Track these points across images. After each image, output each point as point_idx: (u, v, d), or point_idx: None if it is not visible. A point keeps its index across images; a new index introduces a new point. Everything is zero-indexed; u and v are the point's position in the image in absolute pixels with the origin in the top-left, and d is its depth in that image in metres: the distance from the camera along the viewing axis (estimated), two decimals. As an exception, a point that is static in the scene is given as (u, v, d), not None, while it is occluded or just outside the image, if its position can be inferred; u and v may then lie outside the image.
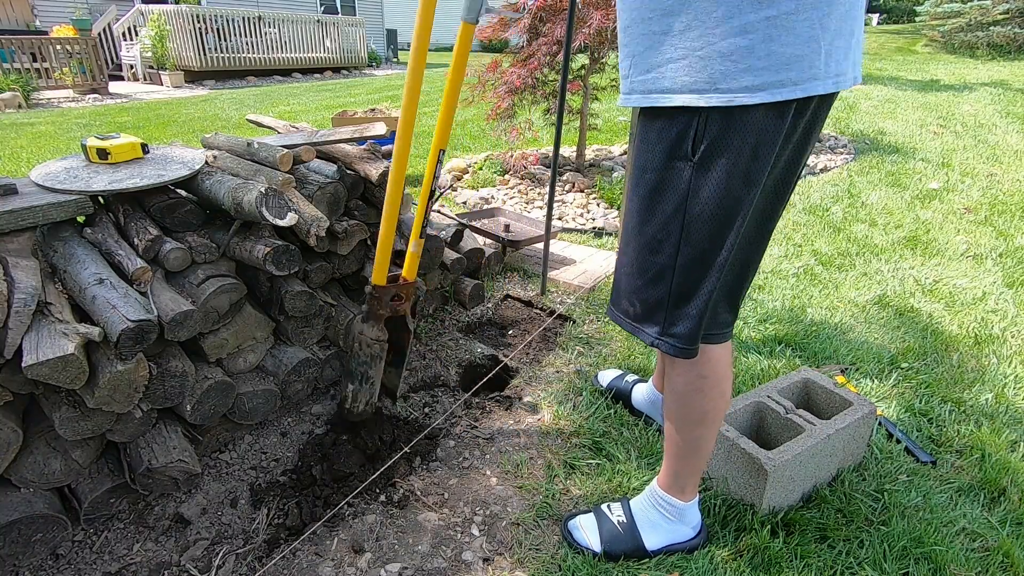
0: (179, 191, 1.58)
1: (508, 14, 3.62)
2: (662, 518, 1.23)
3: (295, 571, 1.24)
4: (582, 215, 3.36)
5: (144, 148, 1.55)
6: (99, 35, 10.23)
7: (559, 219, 3.30)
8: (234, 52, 11.34)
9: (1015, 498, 1.38)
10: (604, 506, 1.31)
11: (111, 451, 1.37)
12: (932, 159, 4.42)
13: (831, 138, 5.11)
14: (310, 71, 12.83)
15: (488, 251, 2.45)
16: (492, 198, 3.67)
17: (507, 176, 4.03)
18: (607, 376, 1.78)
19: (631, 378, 1.73)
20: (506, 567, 1.24)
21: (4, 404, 1.20)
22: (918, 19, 14.36)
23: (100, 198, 1.53)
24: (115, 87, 9.68)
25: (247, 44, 11.54)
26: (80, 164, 1.50)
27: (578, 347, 2.03)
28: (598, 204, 3.50)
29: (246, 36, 11.48)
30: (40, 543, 1.24)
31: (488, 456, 1.56)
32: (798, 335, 2.06)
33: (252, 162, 1.59)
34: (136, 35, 10.84)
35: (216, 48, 11.02)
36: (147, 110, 7.58)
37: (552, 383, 1.84)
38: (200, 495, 1.42)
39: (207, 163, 1.61)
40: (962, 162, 4.32)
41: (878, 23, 23.51)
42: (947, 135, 5.19)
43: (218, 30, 10.99)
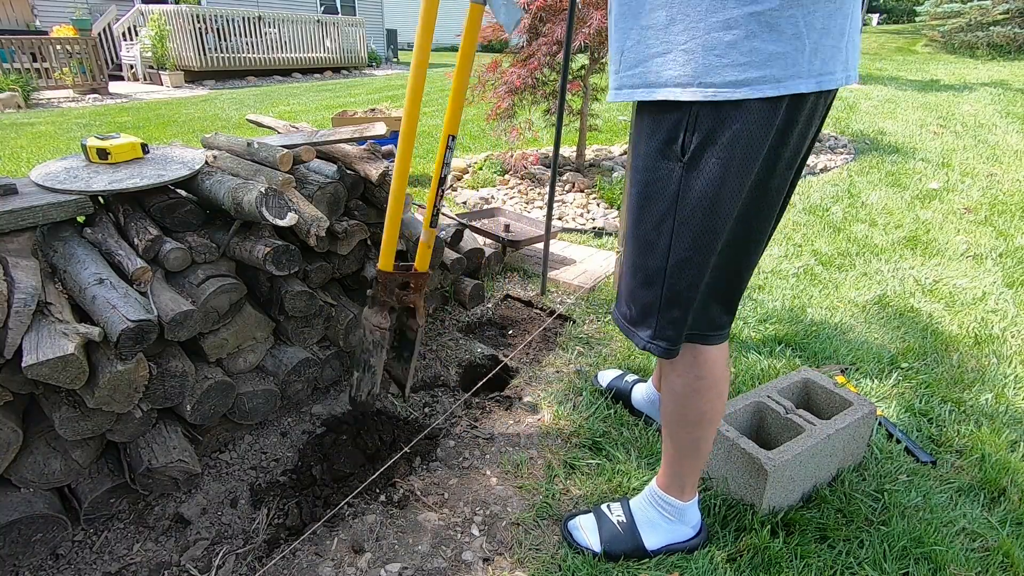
0: (179, 191, 1.58)
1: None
2: (661, 518, 1.23)
3: (295, 571, 1.24)
4: (582, 215, 3.36)
5: (144, 148, 1.55)
6: (99, 35, 10.23)
7: (559, 219, 3.30)
8: (234, 52, 11.34)
9: (1015, 498, 1.38)
10: (604, 506, 1.31)
11: (111, 451, 1.37)
12: (932, 159, 4.42)
13: (831, 138, 5.11)
14: (310, 71, 12.83)
15: (488, 251, 2.45)
16: (492, 198, 3.67)
17: (507, 176, 4.03)
18: (607, 376, 1.78)
19: (631, 378, 1.73)
20: (506, 567, 1.24)
21: (4, 404, 1.20)
22: (918, 19, 14.38)
23: (100, 198, 1.53)
24: (115, 87, 9.68)
25: (247, 44, 11.54)
26: (80, 164, 1.51)
27: (578, 347, 2.03)
28: (598, 204, 3.50)
29: (246, 36, 11.48)
30: (40, 543, 1.24)
31: (488, 456, 1.56)
32: (798, 335, 2.06)
33: (252, 162, 1.59)
34: (136, 35, 10.84)
35: (216, 48, 11.02)
36: (147, 110, 7.59)
37: (552, 383, 1.84)
38: (200, 495, 1.42)
39: (207, 163, 1.61)
40: (962, 162, 4.32)
41: (878, 23, 23.51)
42: (947, 135, 5.19)
43: (218, 30, 10.99)
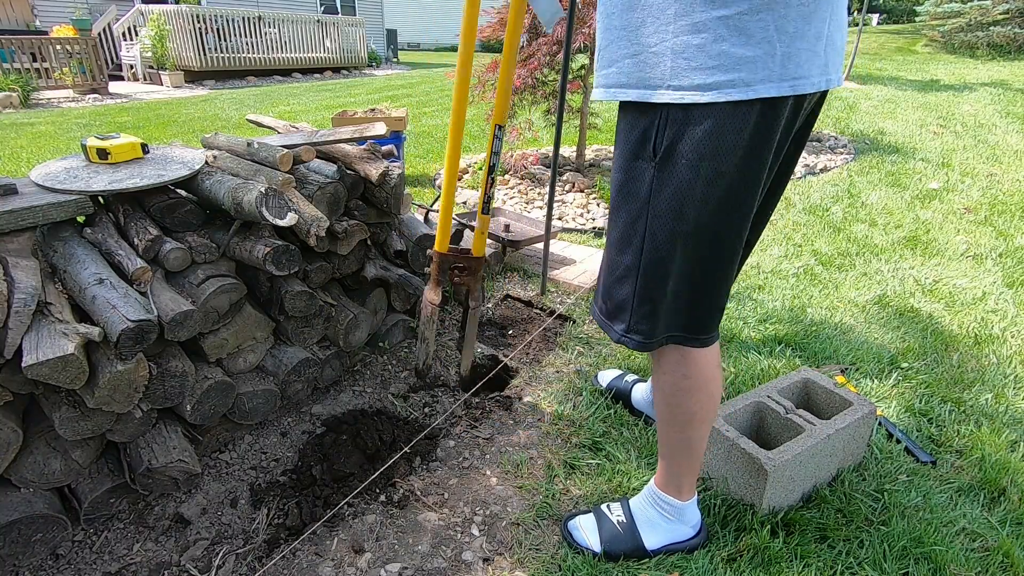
0: (179, 191, 1.58)
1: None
2: (661, 517, 1.23)
3: (295, 571, 1.24)
4: (582, 215, 3.36)
5: (144, 148, 1.55)
6: (99, 35, 10.23)
7: (559, 219, 3.30)
8: (234, 52, 11.34)
9: (1015, 498, 1.38)
10: (604, 506, 1.31)
11: (111, 451, 1.37)
12: (932, 159, 4.42)
13: (831, 138, 5.11)
14: (310, 71, 12.83)
15: (488, 251, 2.45)
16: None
17: (507, 176, 4.03)
18: (607, 376, 1.78)
19: (631, 378, 1.73)
20: (506, 567, 1.24)
21: (4, 404, 1.20)
22: (918, 19, 14.37)
23: (100, 198, 1.53)
24: (115, 87, 9.68)
25: (247, 44, 11.54)
26: (80, 164, 1.50)
27: (578, 347, 2.03)
28: (598, 204, 3.50)
29: (246, 36, 11.48)
30: (40, 543, 1.24)
31: (488, 456, 1.56)
32: (798, 335, 2.06)
33: (252, 162, 1.59)
34: (136, 35, 10.84)
35: (216, 48, 11.02)
36: (147, 110, 7.59)
37: (552, 383, 1.84)
38: (200, 495, 1.42)
39: (207, 163, 1.61)
40: (962, 162, 4.32)
41: (878, 23, 23.50)
42: (947, 135, 5.19)
43: (218, 30, 10.99)
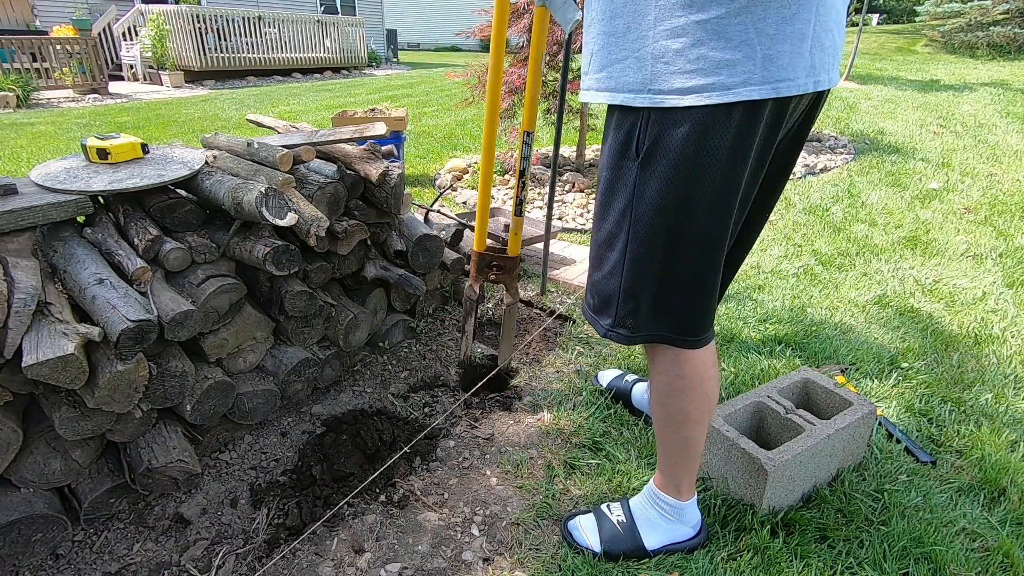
0: (179, 191, 1.58)
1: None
2: (660, 517, 1.23)
3: (295, 571, 1.24)
4: (582, 215, 3.36)
5: (144, 148, 1.55)
6: (99, 35, 10.23)
7: (559, 219, 3.30)
8: (234, 52, 11.33)
9: (1015, 498, 1.38)
10: (604, 506, 1.31)
11: (111, 451, 1.37)
12: (932, 159, 4.42)
13: (831, 138, 5.11)
14: (310, 71, 12.83)
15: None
16: (492, 198, 3.67)
17: (507, 176, 4.03)
18: (607, 376, 1.78)
19: (631, 377, 1.73)
20: (506, 567, 1.24)
21: (4, 404, 1.20)
22: (918, 19, 14.36)
23: (100, 198, 1.53)
24: (115, 87, 9.68)
25: (247, 44, 11.54)
26: (80, 164, 1.50)
27: (578, 347, 2.03)
28: (598, 204, 3.50)
29: (246, 36, 11.48)
30: (40, 543, 1.24)
31: (488, 456, 1.56)
32: (798, 335, 2.06)
33: (252, 162, 1.59)
34: (136, 35, 10.83)
35: (216, 48, 11.02)
36: (147, 110, 7.59)
37: (552, 383, 1.84)
38: (200, 495, 1.42)
39: (207, 163, 1.61)
40: (962, 162, 4.32)
41: (878, 23, 23.50)
42: (947, 135, 5.19)
43: (218, 30, 10.98)
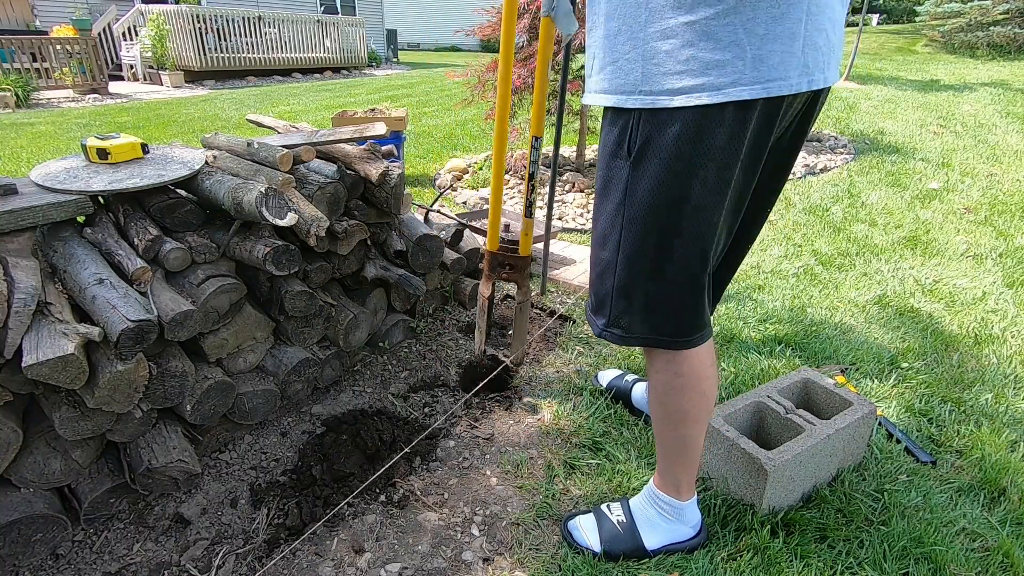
0: (179, 191, 1.58)
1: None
2: (660, 517, 1.23)
3: (295, 571, 1.24)
4: (582, 215, 3.36)
5: (144, 148, 1.55)
6: (99, 35, 10.23)
7: (559, 219, 3.30)
8: (234, 52, 11.33)
9: (1015, 498, 1.38)
10: (604, 506, 1.31)
11: (111, 451, 1.37)
12: (932, 159, 4.42)
13: (831, 138, 5.11)
14: (310, 71, 12.83)
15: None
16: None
17: (507, 176, 4.03)
18: (607, 376, 1.78)
19: (630, 377, 1.73)
20: (506, 567, 1.24)
21: (4, 404, 1.20)
22: (918, 19, 14.35)
23: (100, 198, 1.53)
24: (115, 87, 9.68)
25: (247, 44, 11.54)
26: (80, 164, 1.50)
27: (578, 347, 2.03)
28: (598, 204, 3.50)
29: (246, 36, 11.48)
30: (40, 543, 1.24)
31: (488, 456, 1.56)
32: (798, 335, 2.06)
33: (252, 162, 1.59)
34: (136, 35, 10.83)
35: (216, 48, 11.02)
36: (147, 110, 7.59)
37: (552, 383, 1.84)
38: (200, 495, 1.42)
39: (207, 163, 1.61)
40: (962, 162, 4.32)
41: (878, 23, 23.50)
42: (947, 135, 5.19)
43: (218, 30, 10.98)
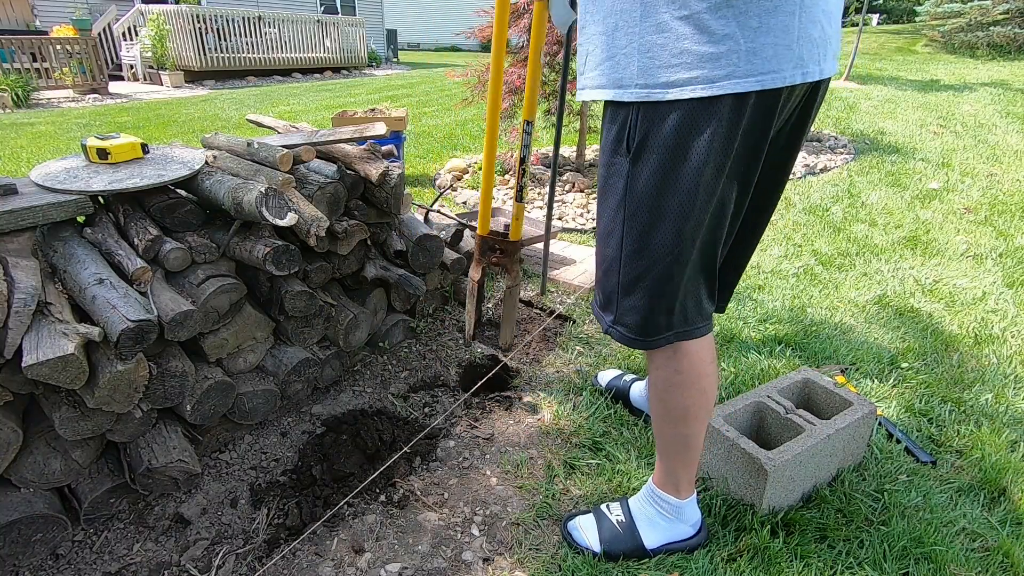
0: (179, 191, 1.58)
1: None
2: (660, 516, 1.23)
3: (295, 571, 1.24)
4: (582, 215, 3.36)
5: (144, 148, 1.55)
6: (99, 35, 10.23)
7: (559, 219, 3.30)
8: (234, 52, 11.33)
9: (1015, 498, 1.38)
10: (603, 506, 1.31)
11: (111, 451, 1.37)
12: (932, 159, 4.42)
13: (831, 138, 5.11)
14: (310, 71, 12.83)
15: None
16: (492, 198, 3.66)
17: (507, 176, 4.03)
18: (607, 376, 1.78)
19: (629, 377, 1.73)
20: (506, 567, 1.24)
21: (4, 404, 1.20)
22: (918, 19, 14.35)
23: (100, 198, 1.53)
24: (115, 87, 9.68)
25: (247, 44, 11.54)
26: (80, 164, 1.50)
27: (578, 347, 2.03)
28: (598, 204, 3.50)
29: (246, 36, 11.48)
30: (40, 543, 1.24)
31: (488, 456, 1.56)
32: (798, 335, 2.06)
33: (252, 162, 1.59)
34: (136, 35, 10.83)
35: (216, 48, 11.01)
36: (147, 110, 7.59)
37: (552, 383, 1.84)
38: (200, 495, 1.42)
39: (207, 163, 1.61)
40: (962, 162, 4.32)
41: (878, 23, 23.49)
42: (947, 135, 5.19)
43: (218, 30, 10.98)
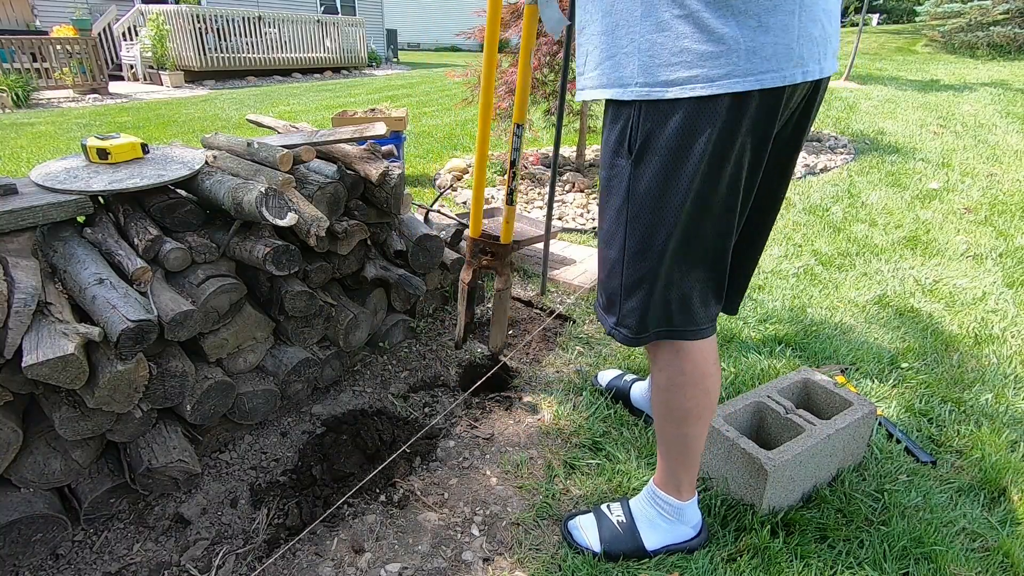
0: (179, 191, 1.58)
1: (507, 15, 3.62)
2: (660, 517, 1.23)
3: (295, 571, 1.24)
4: (582, 215, 3.36)
5: (144, 148, 1.55)
6: (99, 35, 10.23)
7: (559, 219, 3.30)
8: (234, 52, 11.33)
9: (1015, 498, 1.38)
10: (604, 506, 1.31)
11: (111, 451, 1.37)
12: (932, 159, 4.42)
13: (831, 138, 5.11)
14: (310, 71, 12.82)
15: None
16: (492, 198, 3.67)
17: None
18: (607, 376, 1.78)
19: (629, 377, 1.73)
20: (506, 567, 1.24)
21: (4, 404, 1.20)
22: (918, 19, 14.35)
23: (100, 198, 1.53)
24: (115, 87, 9.68)
25: (247, 44, 11.54)
26: (80, 164, 1.50)
27: (578, 347, 2.03)
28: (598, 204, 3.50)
29: (246, 36, 11.48)
30: (40, 543, 1.24)
31: (488, 456, 1.56)
32: (798, 335, 2.06)
33: (252, 162, 1.59)
34: (136, 35, 10.83)
35: (216, 48, 11.01)
36: (147, 110, 7.58)
37: (552, 383, 1.84)
38: (200, 495, 1.42)
39: (207, 163, 1.61)
40: (962, 162, 4.32)
41: (878, 23, 23.50)
42: (947, 135, 5.19)
43: (218, 30, 10.98)
